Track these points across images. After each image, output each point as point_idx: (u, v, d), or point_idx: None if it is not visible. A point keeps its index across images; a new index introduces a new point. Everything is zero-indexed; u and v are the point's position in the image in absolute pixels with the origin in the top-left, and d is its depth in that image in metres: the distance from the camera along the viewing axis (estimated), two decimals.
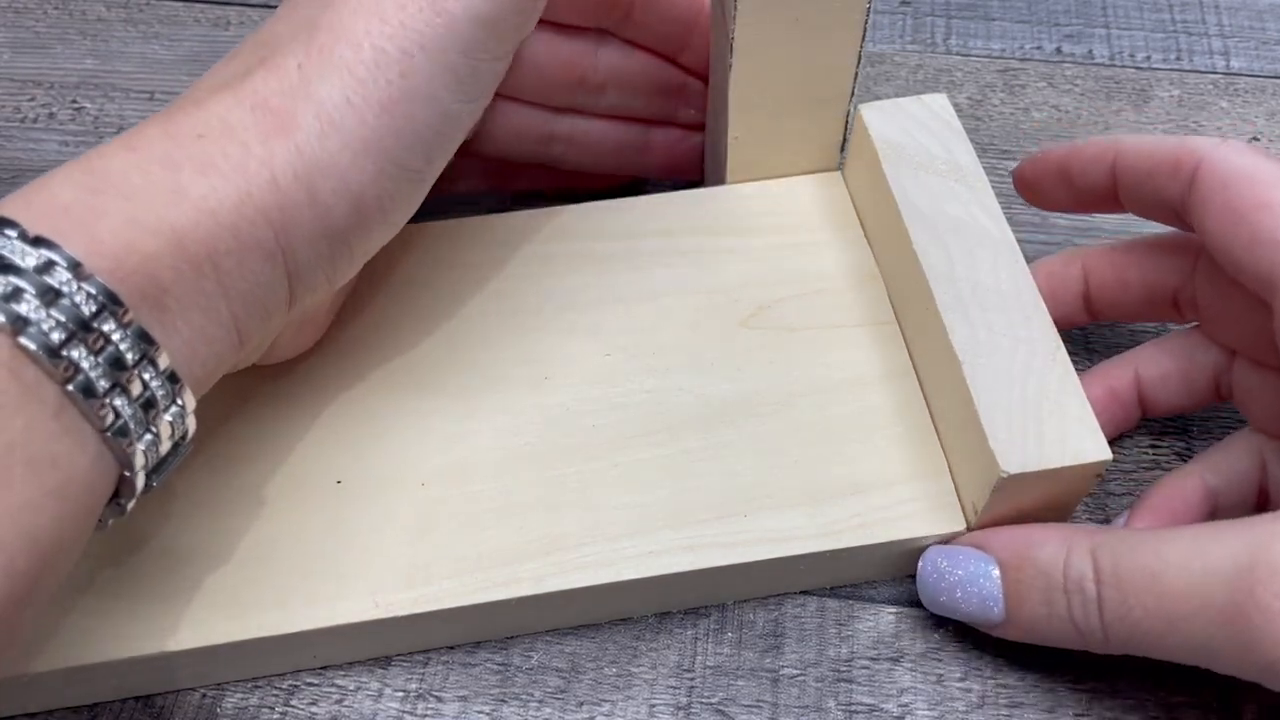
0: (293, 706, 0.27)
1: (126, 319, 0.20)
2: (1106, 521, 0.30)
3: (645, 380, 0.29)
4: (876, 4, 0.43)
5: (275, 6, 0.43)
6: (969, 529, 0.26)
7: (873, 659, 0.27)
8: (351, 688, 0.27)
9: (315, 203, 0.23)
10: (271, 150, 0.22)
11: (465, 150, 0.32)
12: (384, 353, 0.30)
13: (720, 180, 0.33)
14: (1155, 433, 0.31)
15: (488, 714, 0.27)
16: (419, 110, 0.24)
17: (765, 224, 0.32)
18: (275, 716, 0.27)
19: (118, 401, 0.20)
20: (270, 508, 0.27)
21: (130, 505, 0.22)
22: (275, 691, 0.27)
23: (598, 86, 0.32)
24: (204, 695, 0.27)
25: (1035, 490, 0.25)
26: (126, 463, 0.21)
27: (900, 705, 0.27)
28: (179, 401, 0.21)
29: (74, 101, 0.40)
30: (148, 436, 0.21)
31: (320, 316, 0.28)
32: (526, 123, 0.32)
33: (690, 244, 0.32)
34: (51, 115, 0.40)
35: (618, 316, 0.30)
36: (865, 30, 0.29)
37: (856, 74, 0.31)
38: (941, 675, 0.27)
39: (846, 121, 0.32)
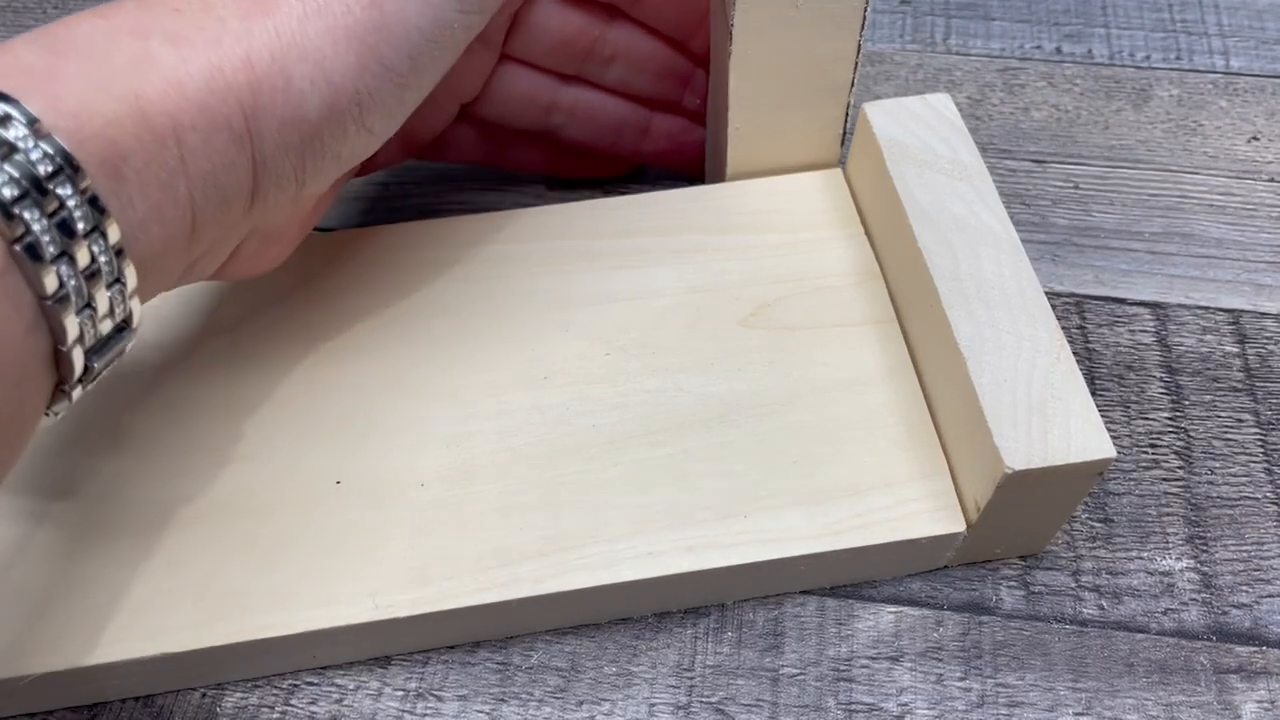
0: (292, 706, 0.27)
1: (83, 185, 0.19)
2: (1107, 522, 0.30)
3: (645, 380, 0.29)
4: (876, 3, 0.43)
5: None
6: (970, 528, 0.26)
7: (872, 658, 0.27)
8: (351, 687, 0.27)
9: (289, 88, 0.22)
10: (249, 28, 0.22)
11: (464, 114, 0.32)
12: (383, 353, 0.30)
13: (720, 176, 0.33)
14: (1155, 432, 0.31)
15: (487, 713, 0.26)
16: (410, 8, 0.23)
17: (765, 222, 0.32)
18: (275, 716, 0.26)
19: (63, 269, 0.19)
20: (270, 508, 0.27)
21: (76, 393, 0.21)
22: (275, 691, 0.27)
23: (607, 58, 0.32)
24: (204, 695, 0.27)
25: (1037, 488, 0.25)
26: (61, 335, 0.20)
27: (900, 705, 0.27)
28: (122, 279, 0.20)
29: None
30: (86, 310, 0.20)
31: (290, 232, 0.27)
32: (532, 88, 0.32)
33: (690, 242, 0.32)
34: None
35: (618, 316, 0.30)
36: (865, 18, 0.29)
37: (857, 64, 0.31)
38: (941, 675, 0.27)
39: (847, 114, 0.32)
